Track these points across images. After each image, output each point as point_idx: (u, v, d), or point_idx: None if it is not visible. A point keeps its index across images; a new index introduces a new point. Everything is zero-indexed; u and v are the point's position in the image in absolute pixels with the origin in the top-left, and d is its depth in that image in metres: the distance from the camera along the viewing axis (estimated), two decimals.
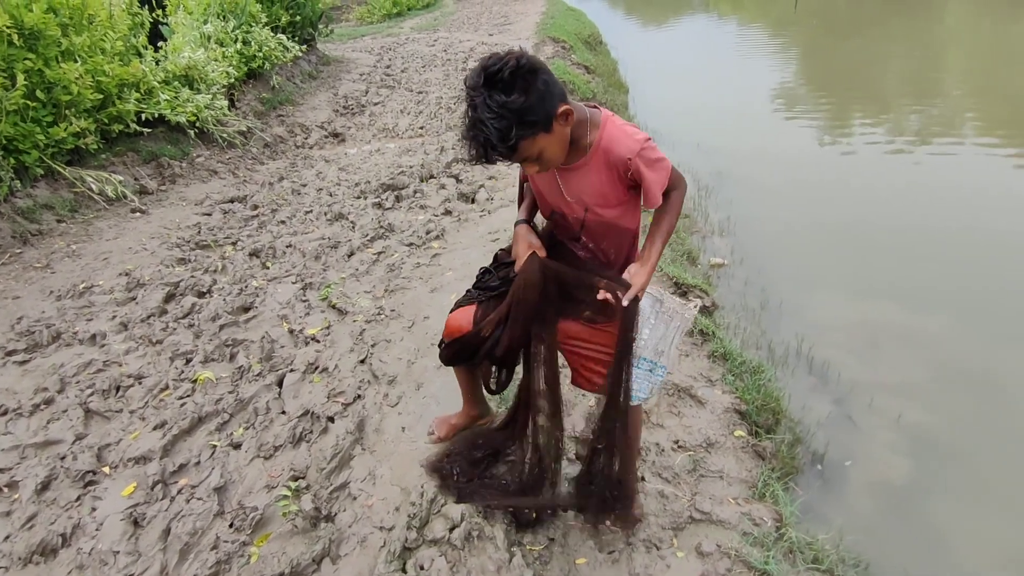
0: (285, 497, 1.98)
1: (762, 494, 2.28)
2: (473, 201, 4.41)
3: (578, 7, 15.41)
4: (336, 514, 1.95)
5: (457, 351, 1.86)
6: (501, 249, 1.90)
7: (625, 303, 1.57)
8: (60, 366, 2.88)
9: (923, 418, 3.01)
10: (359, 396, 2.43)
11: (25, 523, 2.04)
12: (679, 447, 2.47)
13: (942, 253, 4.46)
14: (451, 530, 1.84)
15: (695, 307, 1.70)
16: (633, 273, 1.60)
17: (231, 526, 1.95)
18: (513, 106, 1.32)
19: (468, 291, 1.89)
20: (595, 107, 1.56)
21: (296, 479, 2.07)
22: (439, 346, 1.93)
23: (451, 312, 1.87)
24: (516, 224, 1.77)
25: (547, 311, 1.68)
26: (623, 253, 1.71)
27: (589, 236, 1.68)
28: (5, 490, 2.19)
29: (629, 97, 8.64)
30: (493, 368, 1.93)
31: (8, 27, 4.37)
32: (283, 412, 2.40)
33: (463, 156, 5.27)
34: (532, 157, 1.43)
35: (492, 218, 4.02)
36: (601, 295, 1.57)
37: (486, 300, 1.79)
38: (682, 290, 3.36)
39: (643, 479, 2.25)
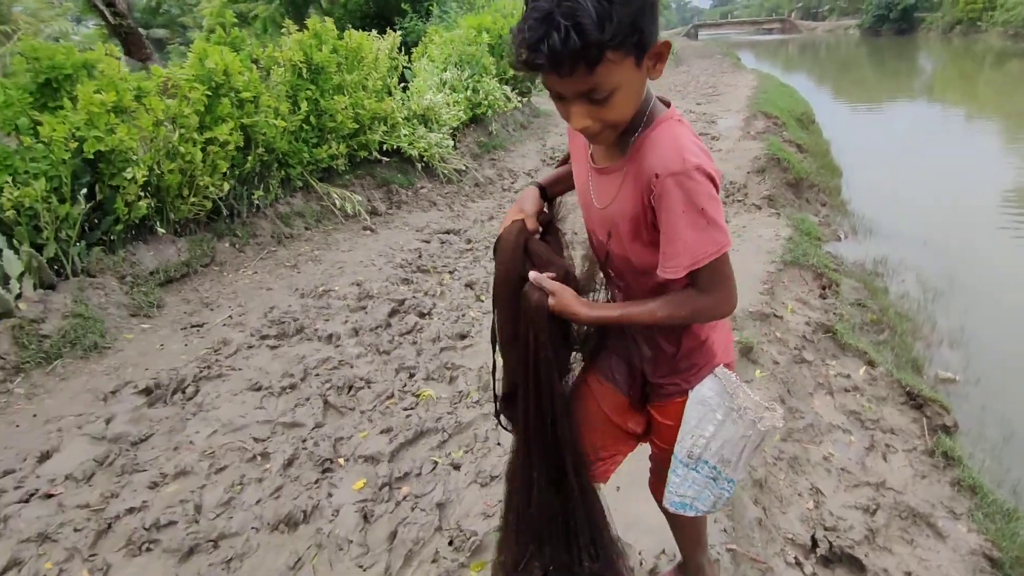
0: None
1: None
2: None
3: (788, 84, 14.94)
4: None
5: None
6: None
7: (531, 278, 1.19)
8: (303, 357, 3.24)
9: None
10: None
11: (273, 492, 2.29)
12: None
13: None
14: None
15: (779, 417, 1.29)
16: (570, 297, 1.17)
17: (450, 544, 2.04)
18: None
19: None
20: (668, 104, 1.13)
21: None
22: None
23: None
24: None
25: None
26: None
27: (615, 272, 1.25)
28: (259, 458, 2.48)
29: (843, 181, 8.14)
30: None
31: (301, 62, 5.17)
32: (499, 444, 2.48)
33: None
34: (601, 93, 0.99)
35: None
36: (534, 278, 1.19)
37: None
38: (917, 402, 3.02)
39: None
